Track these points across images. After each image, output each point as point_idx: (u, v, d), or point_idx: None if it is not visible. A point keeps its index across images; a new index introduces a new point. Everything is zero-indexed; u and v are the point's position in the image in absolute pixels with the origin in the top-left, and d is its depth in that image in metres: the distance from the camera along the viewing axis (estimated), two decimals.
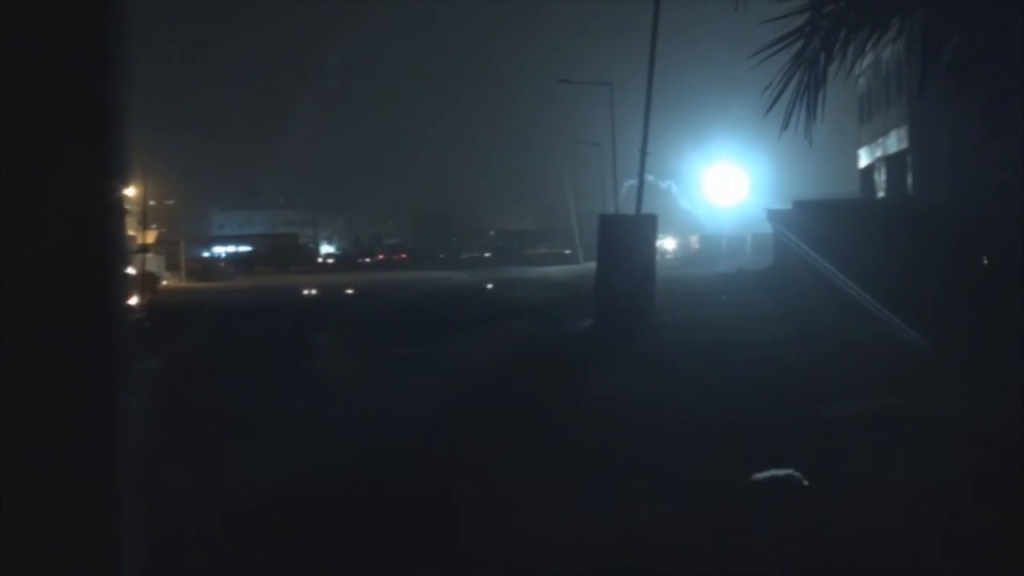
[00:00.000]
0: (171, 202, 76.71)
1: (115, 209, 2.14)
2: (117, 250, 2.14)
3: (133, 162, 2.28)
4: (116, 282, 2.14)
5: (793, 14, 8.80)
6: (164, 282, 53.66)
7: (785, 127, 8.80)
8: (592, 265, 30.56)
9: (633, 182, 32.06)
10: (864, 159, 47.51)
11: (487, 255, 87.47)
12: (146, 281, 36.23)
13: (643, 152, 26.84)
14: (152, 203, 64.14)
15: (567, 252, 78.55)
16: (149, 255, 45.75)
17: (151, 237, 55.45)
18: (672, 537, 7.67)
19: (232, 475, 9.96)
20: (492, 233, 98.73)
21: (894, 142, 39.30)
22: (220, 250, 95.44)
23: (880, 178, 42.78)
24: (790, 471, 8.83)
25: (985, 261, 15.81)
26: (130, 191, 54.05)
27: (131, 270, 36.17)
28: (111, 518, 2.11)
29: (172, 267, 63.41)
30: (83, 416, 2.09)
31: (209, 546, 7.82)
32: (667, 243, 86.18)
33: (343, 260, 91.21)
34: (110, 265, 2.13)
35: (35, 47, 2.08)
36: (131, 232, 49.67)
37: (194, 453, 10.99)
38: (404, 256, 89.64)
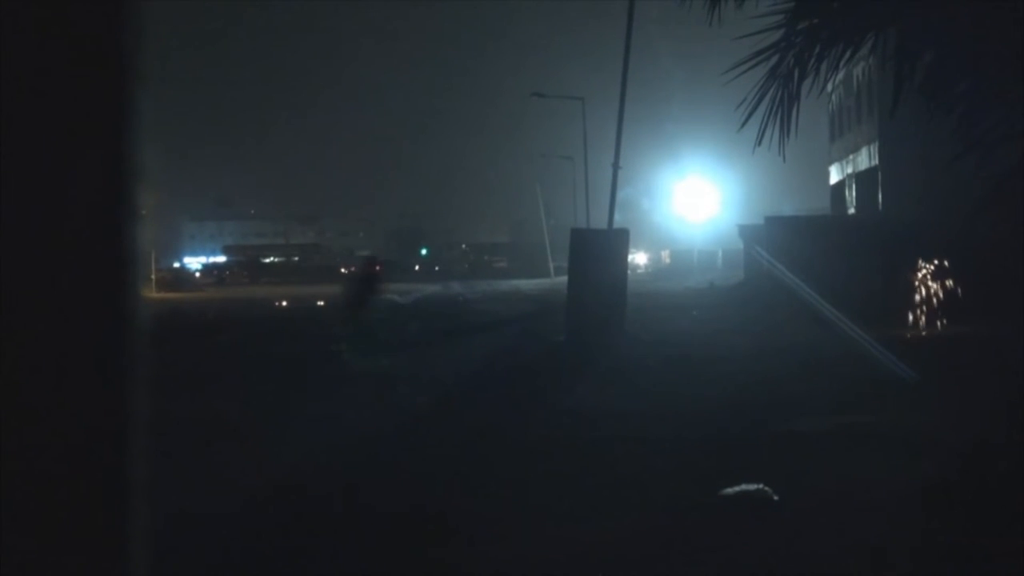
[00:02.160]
0: (141, 212, 76.44)
1: (132, 211, 2.11)
2: (134, 253, 2.09)
3: (150, 165, 2.20)
4: (133, 284, 2.09)
5: (768, 30, 8.81)
6: None
7: (759, 143, 8.81)
8: (563, 279, 30.54)
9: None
10: (835, 175, 47.77)
11: (462, 267, 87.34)
12: None
13: (615, 167, 26.84)
14: None
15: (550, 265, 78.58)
16: None
17: None
18: (641, 552, 7.66)
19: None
20: (464, 246, 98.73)
21: (865, 159, 39.53)
22: (191, 261, 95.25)
23: (851, 194, 43.01)
24: (760, 486, 8.82)
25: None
26: None
27: None
28: (120, 524, 2.05)
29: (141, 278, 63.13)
30: (97, 419, 2.05)
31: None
32: (639, 257, 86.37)
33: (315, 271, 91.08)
34: (128, 267, 2.09)
35: (52, 44, 2.05)
36: None
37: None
38: (378, 268, 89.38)
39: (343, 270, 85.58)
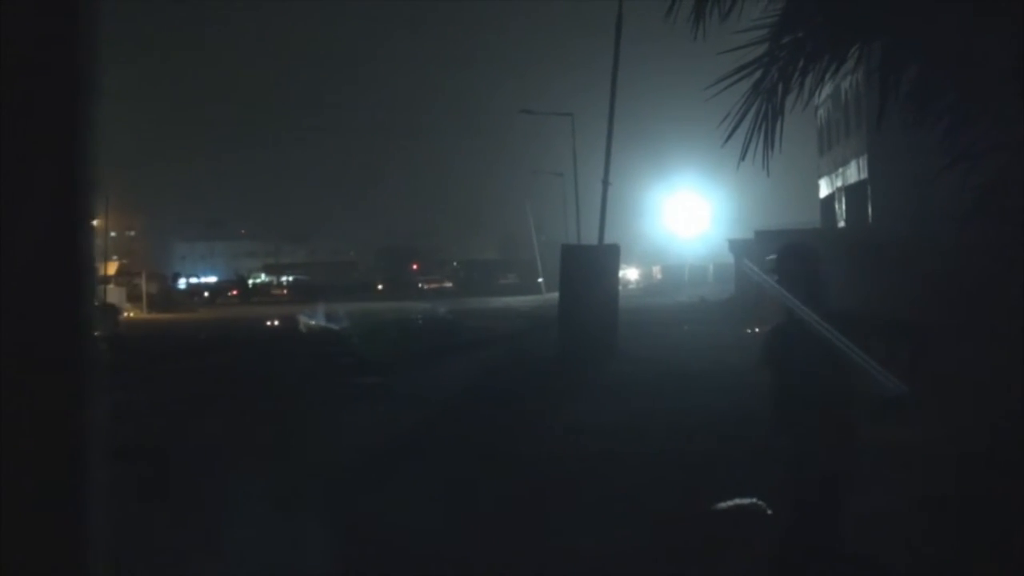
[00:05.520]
0: (132, 233, 76.30)
1: (83, 218, 2.12)
2: (85, 259, 2.11)
3: (102, 178, 2.22)
4: (85, 293, 2.11)
5: (752, 44, 8.79)
6: (126, 313, 53.12)
7: (743, 158, 8.79)
8: (555, 295, 30.53)
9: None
10: (824, 189, 47.83)
11: (448, 285, 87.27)
12: (106, 313, 35.86)
13: (605, 183, 26.88)
14: (113, 234, 63.66)
15: (538, 281, 78.53)
16: (110, 286, 45.24)
17: (112, 268, 54.92)
18: (638, 566, 7.67)
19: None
20: (455, 263, 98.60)
21: (854, 172, 39.60)
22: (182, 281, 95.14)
23: (840, 208, 43.06)
24: (753, 500, 8.82)
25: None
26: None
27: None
28: (78, 538, 2.10)
29: (133, 298, 62.72)
30: (52, 431, 2.08)
31: None
32: (630, 273, 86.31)
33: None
34: (80, 279, 2.10)
35: (7, 53, 2.06)
36: None
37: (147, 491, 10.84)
38: (381, 287, 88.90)
39: (379, 286, 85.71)
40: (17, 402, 2.05)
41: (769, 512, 8.59)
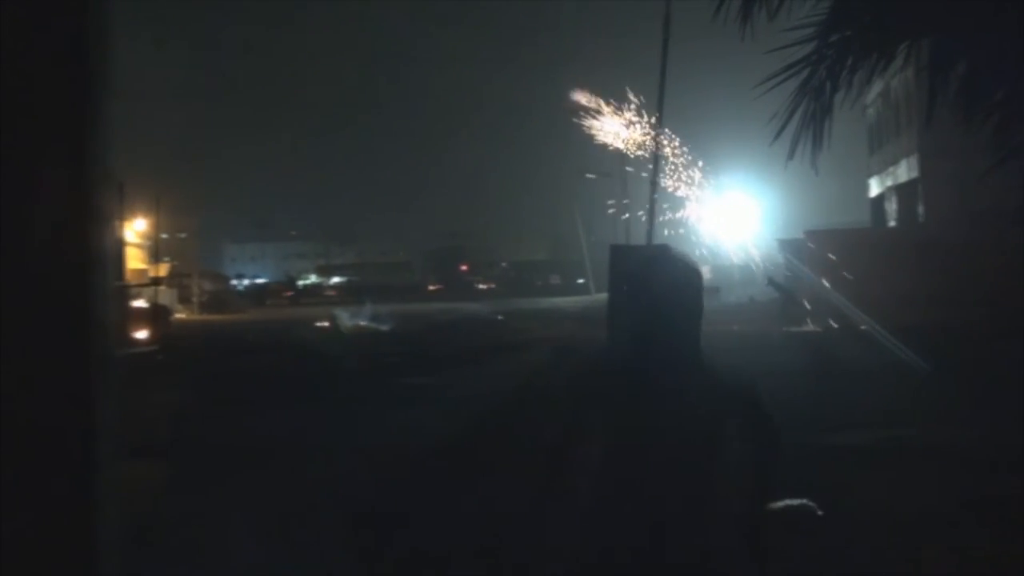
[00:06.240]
0: (183, 235, 76.70)
1: (94, 215, 2.11)
2: (96, 256, 2.11)
3: (115, 168, 2.21)
4: (96, 290, 2.11)
5: (799, 43, 8.76)
6: (177, 315, 53.53)
7: (791, 157, 8.76)
8: (604, 296, 30.46)
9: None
10: (874, 188, 47.51)
11: (494, 286, 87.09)
12: (158, 314, 36.16)
13: (654, 182, 26.84)
14: (164, 236, 64.13)
15: (580, 282, 78.42)
16: (162, 288, 45.59)
17: (163, 270, 55.38)
18: (689, 567, 7.62)
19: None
20: (504, 264, 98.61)
21: (904, 171, 39.31)
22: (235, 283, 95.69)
23: (891, 207, 42.76)
24: (804, 501, 8.71)
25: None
26: (141, 224, 54.09)
27: (143, 303, 36.16)
28: (88, 532, 2.09)
29: (184, 300, 63.18)
30: (59, 428, 2.07)
31: None
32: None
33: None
34: (89, 272, 2.10)
35: (10, 48, 2.06)
36: (143, 266, 49.65)
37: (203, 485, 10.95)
38: (433, 288, 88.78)
39: (431, 287, 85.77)
40: (24, 401, 2.03)
41: (819, 513, 8.53)
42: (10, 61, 2.06)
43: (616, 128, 33.45)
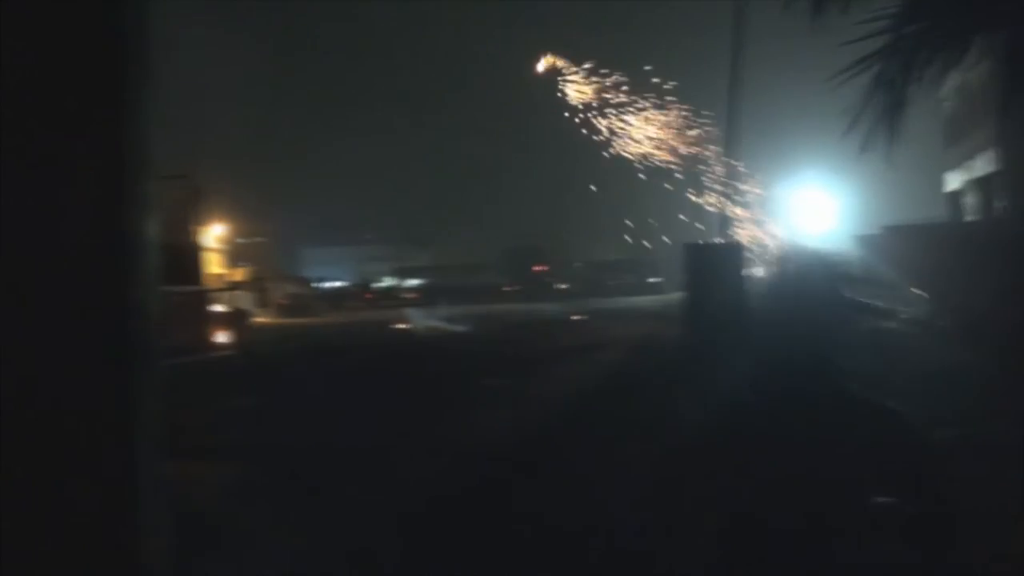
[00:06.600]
0: (260, 239, 77.20)
1: (133, 201, 2.10)
2: (137, 246, 2.09)
3: (157, 160, 2.19)
4: (136, 279, 2.08)
5: (873, 36, 8.69)
6: (256, 319, 53.90)
7: (864, 150, 8.69)
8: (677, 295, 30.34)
9: None
10: (951, 183, 46.83)
11: (566, 286, 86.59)
12: (237, 318, 36.50)
13: (727, 179, 26.70)
14: (241, 240, 64.71)
15: (652, 281, 77.97)
16: (240, 292, 45.98)
17: (241, 274, 55.92)
18: (788, 566, 7.60)
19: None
20: (577, 264, 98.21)
21: (982, 165, 38.72)
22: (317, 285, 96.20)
23: (968, 202, 42.14)
24: (902, 498, 8.72)
25: None
26: (219, 229, 54.63)
27: (221, 307, 36.50)
28: (128, 517, 2.08)
29: (263, 304, 63.43)
30: (98, 413, 2.04)
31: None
32: (756, 271, 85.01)
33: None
34: (129, 261, 2.08)
35: (50, 40, 2.04)
36: (222, 270, 50.14)
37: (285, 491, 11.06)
38: (509, 288, 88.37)
39: (507, 288, 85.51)
40: (54, 392, 1.99)
41: (918, 511, 8.46)
42: (44, 46, 2.03)
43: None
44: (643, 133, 33.44)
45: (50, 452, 2.01)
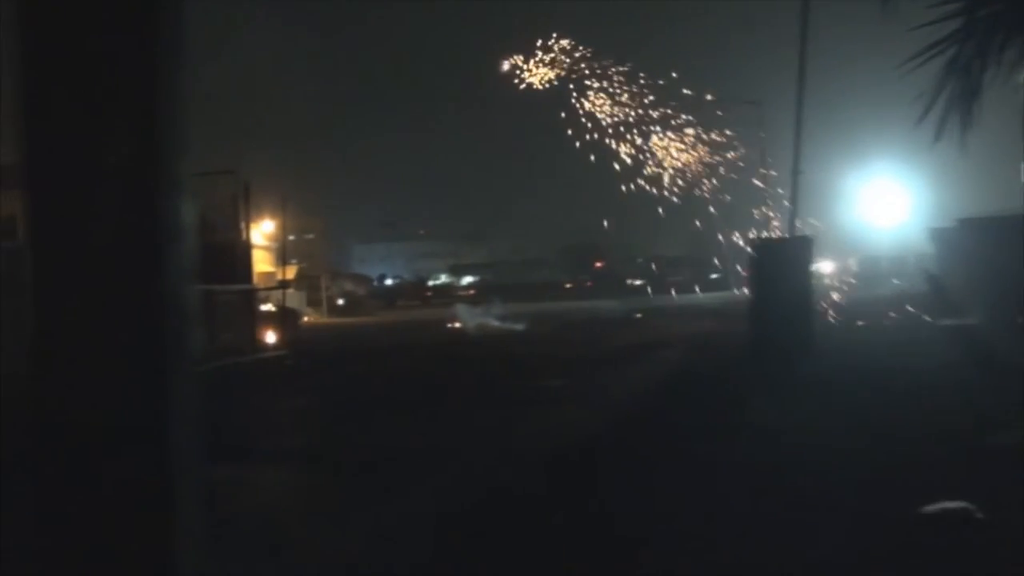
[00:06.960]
0: (310, 236, 77.51)
1: (166, 186, 2.06)
2: (169, 232, 2.05)
3: (191, 144, 2.13)
4: (168, 268, 2.05)
5: (947, 19, 8.17)
6: (306, 318, 53.87)
7: (938, 138, 8.17)
8: (744, 292, 29.87)
9: None
10: None
11: (640, 282, 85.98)
12: (287, 317, 36.36)
13: (796, 173, 26.04)
14: (291, 238, 64.58)
15: (714, 277, 77.20)
16: (290, 291, 45.73)
17: (291, 272, 55.41)
18: (844, 571, 7.31)
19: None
20: (640, 260, 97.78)
21: None
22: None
23: None
24: (963, 503, 8.27)
25: None
26: (268, 226, 54.34)
27: (271, 306, 36.36)
28: (161, 519, 2.04)
29: (313, 303, 63.11)
30: (129, 406, 2.01)
31: None
32: (824, 266, 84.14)
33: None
34: (160, 247, 2.04)
35: (84, 26, 2.03)
36: (271, 268, 49.93)
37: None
38: (590, 284, 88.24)
39: (567, 285, 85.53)
40: (85, 390, 1.97)
41: (979, 516, 8.04)
42: (75, 27, 2.02)
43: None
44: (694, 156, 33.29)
45: (77, 451, 2.00)
